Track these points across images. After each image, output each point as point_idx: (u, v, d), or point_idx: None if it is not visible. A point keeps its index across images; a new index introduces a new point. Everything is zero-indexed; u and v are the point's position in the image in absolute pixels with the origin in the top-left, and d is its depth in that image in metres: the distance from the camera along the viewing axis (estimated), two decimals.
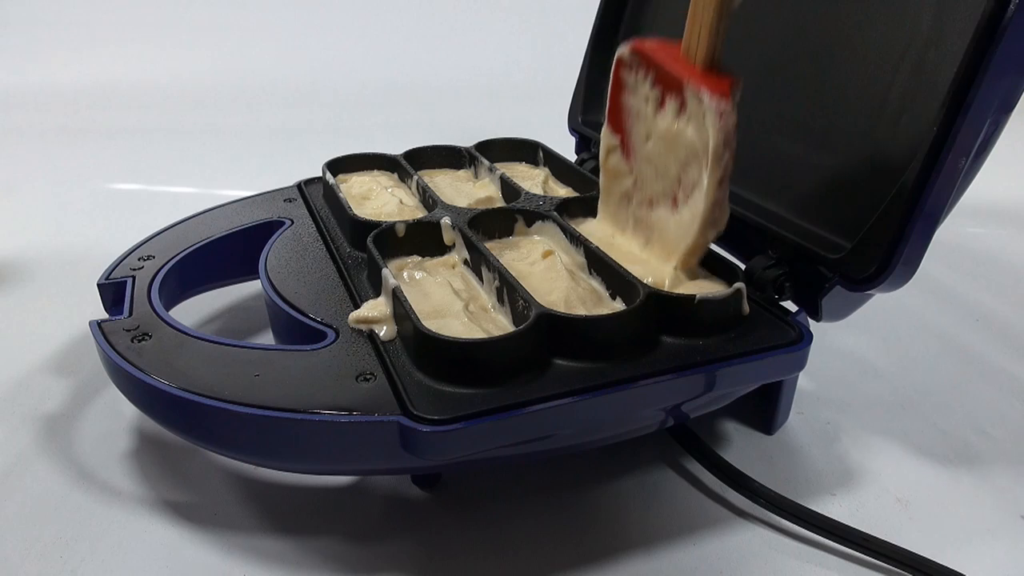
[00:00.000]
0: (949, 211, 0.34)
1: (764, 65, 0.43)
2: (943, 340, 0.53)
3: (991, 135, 0.33)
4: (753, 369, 0.34)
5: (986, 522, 0.36)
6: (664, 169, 0.39)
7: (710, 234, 0.38)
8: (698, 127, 0.36)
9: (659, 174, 0.40)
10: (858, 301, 0.38)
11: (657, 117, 0.39)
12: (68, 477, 0.38)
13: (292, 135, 0.97)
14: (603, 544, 0.34)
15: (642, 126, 0.40)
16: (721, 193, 0.36)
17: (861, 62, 0.37)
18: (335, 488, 0.37)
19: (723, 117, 0.35)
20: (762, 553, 0.34)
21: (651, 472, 0.39)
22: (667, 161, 0.39)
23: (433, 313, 0.36)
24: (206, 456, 0.39)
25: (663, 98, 0.38)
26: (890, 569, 0.33)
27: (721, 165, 0.35)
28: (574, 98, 0.60)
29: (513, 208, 0.46)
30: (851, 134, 0.37)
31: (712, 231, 0.37)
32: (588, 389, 0.31)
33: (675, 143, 0.38)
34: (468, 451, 0.30)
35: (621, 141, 0.42)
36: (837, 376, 0.48)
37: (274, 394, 0.31)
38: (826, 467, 0.40)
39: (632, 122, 0.41)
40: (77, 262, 0.60)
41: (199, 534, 0.34)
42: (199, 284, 0.47)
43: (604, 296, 0.38)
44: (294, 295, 0.39)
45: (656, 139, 0.39)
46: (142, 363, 0.33)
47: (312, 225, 0.48)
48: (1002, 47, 0.30)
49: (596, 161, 0.57)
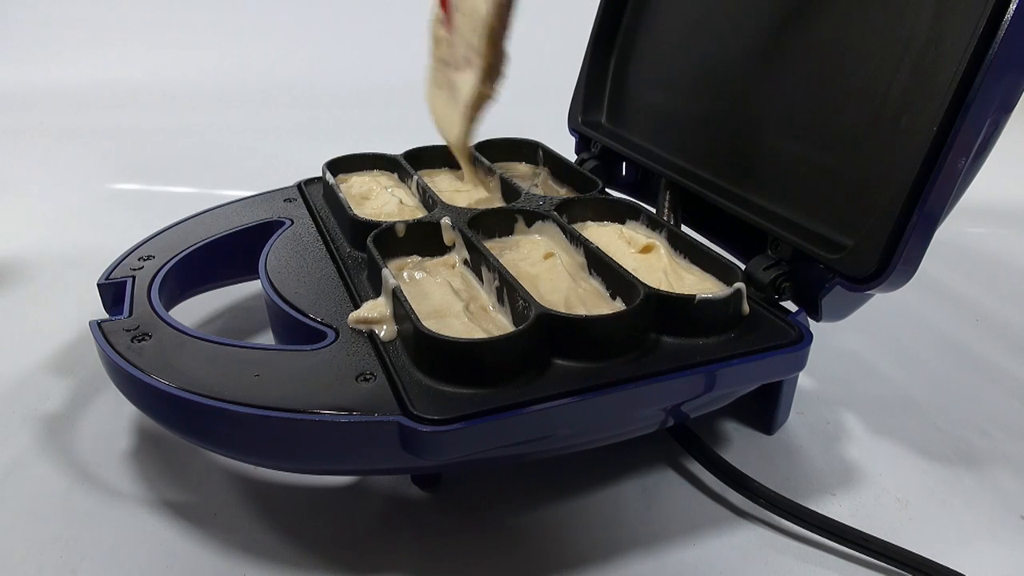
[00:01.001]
0: (949, 211, 0.34)
1: (764, 65, 0.43)
2: (943, 340, 0.53)
3: (991, 135, 0.33)
4: (753, 369, 0.34)
5: (986, 522, 0.36)
6: (466, 37, 0.45)
7: (486, 86, 0.45)
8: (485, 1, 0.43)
9: (463, 41, 0.46)
10: (858, 301, 0.38)
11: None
12: (68, 477, 0.38)
13: (292, 135, 0.97)
14: (603, 544, 0.34)
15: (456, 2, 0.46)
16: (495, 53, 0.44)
17: (861, 62, 0.37)
18: (335, 488, 0.37)
19: None
20: (762, 553, 0.34)
21: (651, 472, 0.39)
22: (468, 31, 0.45)
23: (433, 313, 0.36)
24: (206, 456, 0.39)
25: None
26: (890, 569, 0.33)
27: (492, 29, 0.43)
28: (574, 98, 0.60)
29: (513, 208, 0.46)
30: (851, 134, 0.37)
31: (488, 83, 0.45)
32: (588, 389, 0.31)
33: (472, 14, 0.44)
34: (468, 451, 0.30)
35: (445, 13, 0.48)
36: (837, 376, 0.48)
37: (274, 394, 0.31)
38: (826, 467, 0.40)
39: None
40: (77, 262, 0.60)
41: (199, 534, 0.34)
42: (199, 284, 0.47)
43: (604, 296, 0.38)
44: (294, 295, 0.39)
45: (463, 11, 0.45)
46: (142, 363, 0.33)
47: (312, 225, 0.48)
48: (1002, 47, 0.30)
49: (596, 161, 0.57)
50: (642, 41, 0.56)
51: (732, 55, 0.46)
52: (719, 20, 0.48)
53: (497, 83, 0.46)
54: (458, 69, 0.47)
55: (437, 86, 0.50)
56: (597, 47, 0.58)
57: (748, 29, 0.45)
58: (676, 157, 0.51)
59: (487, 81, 0.45)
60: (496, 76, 0.46)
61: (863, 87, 0.37)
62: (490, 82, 0.46)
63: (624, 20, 0.57)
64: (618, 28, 0.57)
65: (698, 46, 0.50)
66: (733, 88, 0.46)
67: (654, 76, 0.54)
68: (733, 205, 0.43)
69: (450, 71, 0.48)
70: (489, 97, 0.46)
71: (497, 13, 0.43)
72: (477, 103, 0.46)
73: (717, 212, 0.45)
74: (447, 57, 0.48)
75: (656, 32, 0.54)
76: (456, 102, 0.47)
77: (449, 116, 0.48)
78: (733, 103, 0.46)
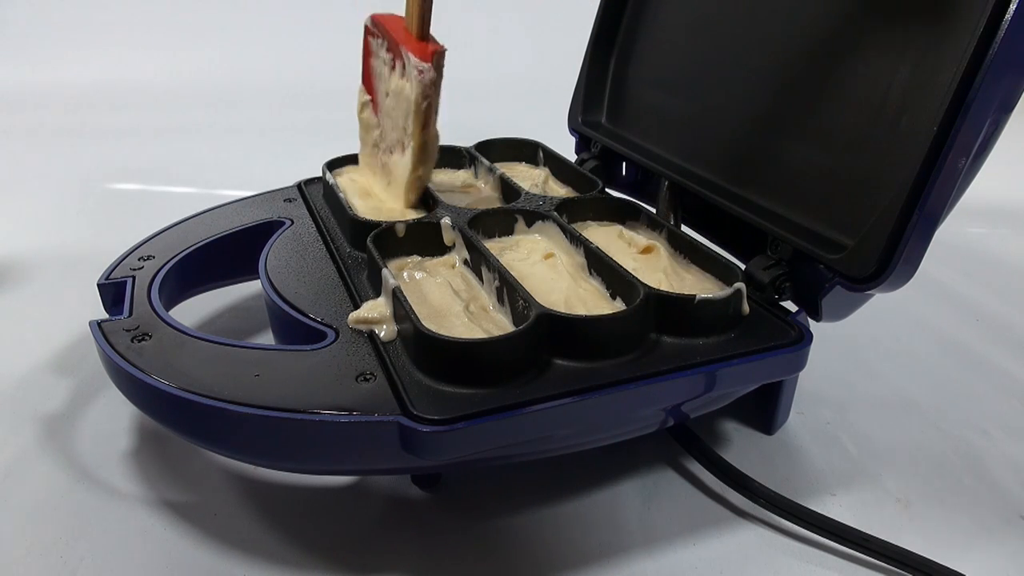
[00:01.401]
0: (949, 211, 0.34)
1: (765, 65, 0.43)
2: (943, 340, 0.53)
3: (991, 135, 0.33)
4: (753, 369, 0.34)
5: (986, 522, 0.36)
6: (396, 120, 0.46)
7: (421, 170, 0.46)
8: (411, 84, 0.44)
9: (394, 125, 0.47)
10: (858, 301, 0.38)
11: (391, 77, 0.46)
12: (68, 477, 0.38)
13: (292, 135, 0.97)
14: (603, 544, 0.34)
15: (383, 84, 0.48)
16: (425, 136, 0.45)
17: (861, 62, 0.37)
18: (335, 488, 0.37)
19: (422, 74, 0.43)
20: (762, 553, 0.34)
21: (651, 472, 0.39)
22: (397, 113, 0.46)
23: (433, 313, 0.36)
24: (206, 456, 0.39)
25: (394, 61, 0.46)
26: (890, 569, 0.33)
27: (421, 112, 0.44)
28: (574, 98, 0.60)
29: (513, 208, 0.46)
30: (851, 134, 0.37)
31: (422, 167, 0.46)
32: (588, 389, 0.31)
33: (400, 98, 0.45)
34: (468, 451, 0.30)
35: (371, 98, 0.49)
36: (837, 376, 0.48)
37: (274, 394, 0.31)
38: (826, 467, 0.40)
39: (377, 81, 0.49)
40: (77, 262, 0.60)
41: (199, 534, 0.34)
42: (199, 284, 0.47)
43: (604, 296, 0.38)
44: (294, 295, 0.39)
45: (391, 95, 0.46)
46: (142, 363, 0.33)
47: (312, 225, 0.48)
48: (1002, 47, 0.30)
49: (596, 161, 0.57)
50: (642, 41, 0.56)
51: (732, 55, 0.46)
52: (719, 20, 0.48)
53: (432, 164, 0.47)
54: (390, 152, 0.48)
55: (371, 170, 0.51)
56: (597, 47, 0.58)
57: (748, 29, 0.45)
58: (676, 157, 0.51)
59: (422, 165, 0.46)
60: (430, 158, 0.47)
61: (863, 87, 0.37)
62: (425, 165, 0.46)
63: (624, 20, 0.57)
64: (618, 28, 0.57)
65: (698, 46, 0.50)
66: (733, 88, 0.46)
67: (654, 76, 0.54)
68: (733, 205, 0.43)
69: (382, 154, 0.49)
70: (426, 180, 0.47)
71: (425, 96, 0.43)
72: (415, 186, 0.47)
73: (717, 212, 0.45)
74: (378, 141, 0.49)
75: (656, 32, 0.54)
76: (393, 184, 0.48)
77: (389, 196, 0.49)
78: (733, 103, 0.46)
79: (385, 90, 0.47)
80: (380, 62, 0.48)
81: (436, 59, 0.44)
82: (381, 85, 0.48)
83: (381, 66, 0.48)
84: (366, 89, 0.50)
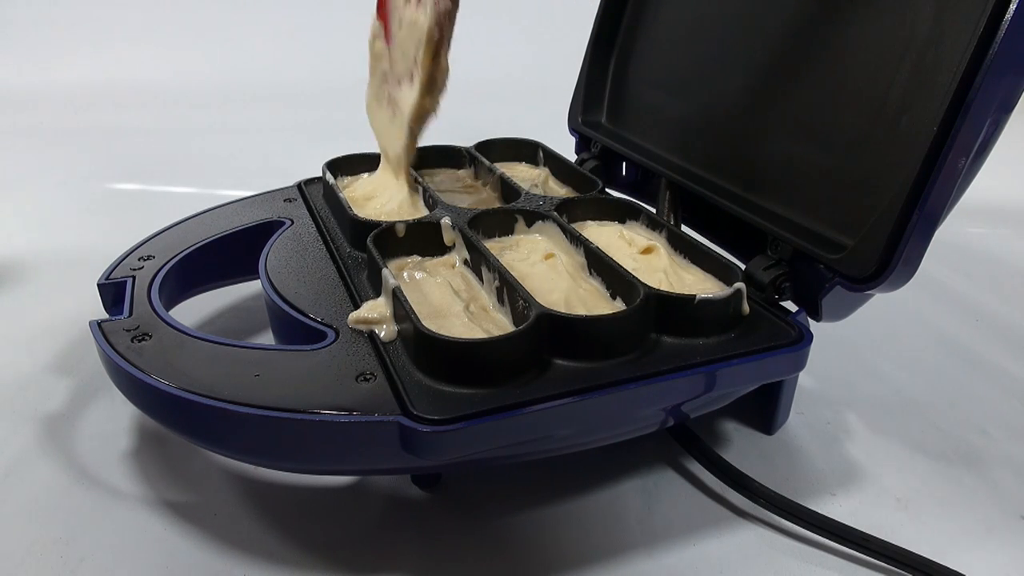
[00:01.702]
0: (949, 211, 0.34)
1: (765, 65, 0.43)
2: (943, 340, 0.53)
3: (991, 135, 0.33)
4: (753, 369, 0.34)
5: (986, 522, 0.36)
6: (407, 51, 0.46)
7: (427, 100, 0.46)
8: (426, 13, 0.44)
9: (404, 55, 0.46)
10: (858, 301, 0.38)
11: (405, 7, 0.46)
12: (68, 477, 0.38)
13: (292, 135, 0.97)
14: (603, 544, 0.34)
15: (396, 14, 0.47)
16: (435, 67, 0.45)
17: (861, 62, 0.37)
18: (335, 488, 0.37)
19: (438, 2, 0.43)
20: (762, 553, 0.34)
21: (651, 472, 0.39)
22: (408, 44, 0.46)
23: (433, 313, 0.36)
24: (206, 456, 0.39)
25: None
26: (890, 569, 0.33)
27: (433, 42, 0.44)
28: (574, 98, 0.60)
29: (513, 208, 0.46)
30: (851, 134, 0.37)
31: (428, 98, 0.46)
32: (588, 389, 0.31)
33: (413, 28, 0.45)
34: (468, 451, 0.30)
35: (384, 28, 0.49)
36: (837, 376, 0.48)
37: (274, 394, 0.31)
38: (826, 467, 0.40)
39: (391, 11, 0.48)
40: (77, 262, 0.60)
41: (199, 534, 0.34)
42: (199, 284, 0.47)
43: (604, 296, 0.38)
44: (294, 295, 0.39)
45: (404, 25, 0.46)
46: (142, 363, 0.33)
47: (312, 225, 0.48)
48: (1002, 47, 0.30)
49: (596, 161, 0.57)
50: (642, 41, 0.56)
51: (732, 55, 0.46)
52: (719, 20, 0.48)
53: (439, 96, 0.47)
54: (399, 84, 0.48)
55: (377, 102, 0.50)
56: (597, 47, 0.58)
57: (748, 29, 0.45)
58: (676, 157, 0.51)
59: (428, 95, 0.46)
60: (438, 89, 0.46)
61: (863, 87, 0.37)
62: (431, 96, 0.46)
63: (624, 20, 0.57)
64: (618, 28, 0.57)
65: (698, 46, 0.50)
66: (733, 88, 0.46)
67: (654, 76, 0.54)
68: (733, 205, 0.43)
69: (390, 86, 0.49)
70: (431, 111, 0.47)
71: (438, 25, 0.43)
72: (419, 117, 0.47)
73: (717, 212, 0.45)
74: (387, 71, 0.49)
75: (656, 32, 0.54)
76: (397, 117, 0.48)
77: (390, 131, 0.49)
78: (733, 103, 0.46)
79: (399, 20, 0.47)
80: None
81: None
82: (395, 15, 0.47)
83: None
84: (379, 18, 0.49)
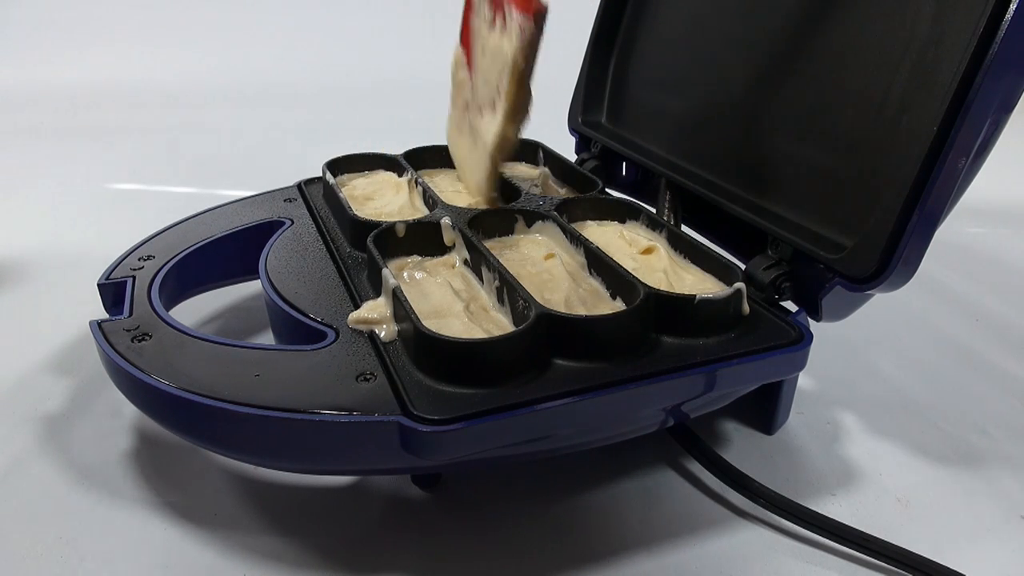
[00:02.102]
0: (949, 211, 0.34)
1: (765, 65, 0.43)
2: (943, 340, 0.53)
3: (991, 135, 0.33)
4: (753, 369, 0.34)
5: (986, 522, 0.36)
6: (490, 79, 0.45)
7: (511, 129, 0.45)
8: (510, 41, 0.43)
9: (487, 83, 0.46)
10: (858, 301, 0.38)
11: (489, 34, 0.45)
12: (68, 477, 0.38)
13: (292, 135, 0.97)
14: (603, 544, 0.34)
15: (479, 43, 0.47)
16: (519, 95, 0.44)
17: (861, 62, 0.37)
18: (335, 488, 0.37)
19: (524, 30, 0.42)
20: (762, 553, 0.34)
21: (651, 472, 0.39)
22: (492, 72, 0.45)
23: (433, 313, 0.36)
24: (206, 456, 0.39)
25: (494, 17, 0.45)
26: (890, 569, 0.33)
27: (519, 70, 0.43)
28: (574, 98, 0.60)
29: (513, 208, 0.46)
30: (851, 134, 0.37)
31: (511, 127, 0.45)
32: (588, 389, 0.31)
33: (497, 55, 0.44)
34: (468, 451, 0.30)
35: (466, 57, 0.48)
36: (837, 376, 0.48)
37: (274, 394, 0.31)
38: (826, 467, 0.40)
39: (474, 40, 0.47)
40: (77, 262, 0.60)
41: (199, 534, 0.34)
42: (199, 284, 0.47)
43: (604, 296, 0.38)
44: (294, 295, 0.39)
45: (487, 53, 0.45)
46: (142, 363, 0.33)
47: (312, 225, 0.48)
48: (1002, 47, 0.30)
49: (596, 161, 0.57)
50: (642, 41, 0.56)
51: (732, 55, 0.46)
52: (719, 20, 0.48)
53: (522, 125, 0.46)
54: (480, 112, 0.47)
55: (459, 131, 0.50)
56: (597, 47, 0.58)
57: (748, 29, 0.45)
58: (676, 157, 0.51)
59: (511, 123, 0.45)
60: (521, 118, 0.45)
61: (863, 87, 0.37)
62: (514, 124, 0.45)
63: (624, 20, 0.57)
64: (618, 28, 0.57)
65: (698, 46, 0.50)
66: (733, 88, 0.46)
67: (654, 76, 0.54)
68: (733, 205, 0.43)
69: (472, 114, 0.48)
70: (513, 140, 0.46)
71: (523, 52, 0.42)
72: (502, 146, 0.45)
73: (717, 212, 0.45)
74: (469, 100, 0.48)
75: (656, 32, 0.54)
76: (478, 147, 0.47)
77: (471, 161, 0.48)
78: (733, 103, 0.46)
79: (482, 48, 0.46)
80: (480, 19, 0.47)
81: (539, 17, 0.43)
82: (478, 43, 0.47)
83: (480, 23, 0.46)
84: (462, 46, 0.49)
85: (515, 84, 0.43)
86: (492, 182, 0.47)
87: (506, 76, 0.43)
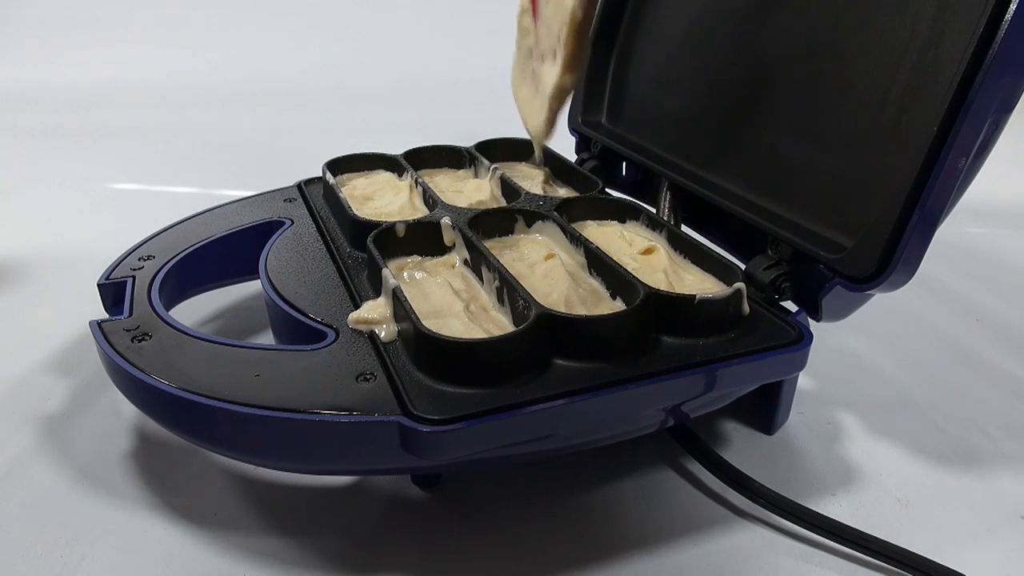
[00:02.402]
0: (949, 211, 0.34)
1: (764, 65, 0.43)
2: (943, 340, 0.53)
3: (991, 135, 0.33)
4: (753, 369, 0.34)
5: (986, 522, 0.36)
6: (552, 28, 0.46)
7: (568, 79, 0.46)
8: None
9: (549, 32, 0.46)
10: (858, 301, 0.38)
11: None
12: (68, 477, 0.38)
13: (292, 135, 0.97)
14: (603, 544, 0.34)
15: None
16: (577, 46, 0.44)
17: (861, 62, 0.37)
18: (335, 488, 0.37)
19: None
20: (762, 553, 0.34)
21: (651, 472, 0.39)
22: (554, 22, 0.45)
23: (433, 313, 0.36)
24: (206, 456, 0.39)
25: None
26: (890, 569, 0.33)
27: (577, 21, 0.43)
28: (574, 98, 0.60)
29: (513, 208, 0.46)
30: (851, 134, 0.37)
31: (568, 76, 0.45)
32: (588, 389, 0.31)
33: (560, 6, 0.45)
34: (468, 451, 0.30)
35: (532, 3, 0.49)
36: (837, 376, 0.48)
37: (274, 394, 0.31)
38: (826, 467, 0.40)
39: None
40: (77, 262, 0.60)
41: (199, 534, 0.34)
42: (199, 284, 0.47)
43: (604, 296, 0.38)
44: (294, 295, 0.39)
45: (551, 3, 0.46)
46: (142, 363, 0.33)
47: (312, 225, 0.48)
48: (1002, 47, 0.30)
49: (596, 161, 0.57)
50: (642, 41, 0.56)
51: (732, 55, 0.46)
52: (719, 20, 0.48)
53: (578, 75, 0.47)
54: (542, 60, 0.47)
55: (522, 76, 0.51)
56: (597, 47, 0.58)
57: (748, 29, 0.45)
58: (676, 157, 0.51)
59: (569, 73, 0.46)
60: (578, 68, 0.46)
61: (863, 87, 0.37)
62: (572, 74, 0.46)
63: (624, 20, 0.57)
64: (618, 28, 0.57)
65: (698, 46, 0.50)
66: (733, 88, 0.46)
67: (654, 76, 0.54)
68: (733, 205, 0.43)
69: (535, 61, 0.49)
70: (570, 89, 0.47)
71: (582, 5, 0.43)
72: (559, 95, 0.47)
73: (717, 212, 0.45)
74: (532, 47, 0.49)
75: (656, 32, 0.54)
76: (539, 93, 0.48)
77: (532, 106, 0.49)
78: (733, 103, 0.46)
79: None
80: None
81: None
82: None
83: None
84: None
85: (574, 36, 0.44)
86: (549, 127, 0.48)
87: (566, 27, 0.44)
